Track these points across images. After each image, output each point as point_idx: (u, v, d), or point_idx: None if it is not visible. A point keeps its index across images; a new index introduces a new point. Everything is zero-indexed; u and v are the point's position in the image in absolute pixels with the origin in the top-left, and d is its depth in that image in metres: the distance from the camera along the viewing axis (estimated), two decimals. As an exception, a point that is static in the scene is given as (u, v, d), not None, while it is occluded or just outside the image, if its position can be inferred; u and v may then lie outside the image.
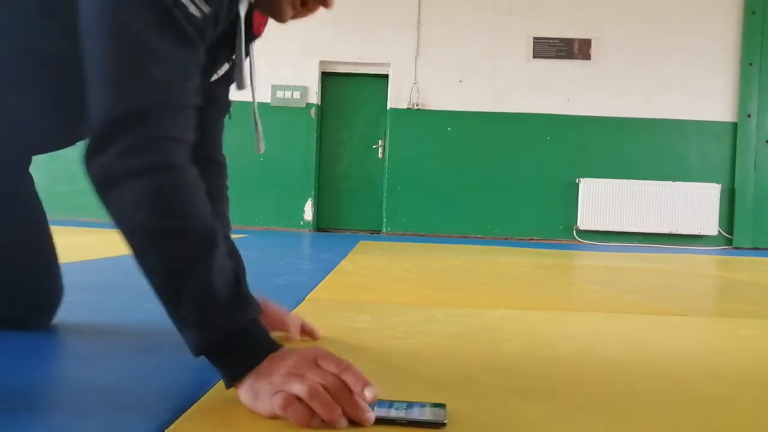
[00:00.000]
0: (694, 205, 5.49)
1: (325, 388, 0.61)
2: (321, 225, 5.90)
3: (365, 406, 0.61)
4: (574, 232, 5.61)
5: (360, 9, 5.69)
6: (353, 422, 0.61)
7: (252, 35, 0.89)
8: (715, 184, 5.53)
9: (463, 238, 5.43)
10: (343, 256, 2.90)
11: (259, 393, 0.63)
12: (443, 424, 0.63)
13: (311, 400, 0.60)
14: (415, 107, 5.64)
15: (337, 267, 2.35)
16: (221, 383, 0.73)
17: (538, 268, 2.73)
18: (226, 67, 0.92)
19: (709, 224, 5.49)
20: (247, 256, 1.08)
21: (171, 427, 0.61)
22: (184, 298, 0.65)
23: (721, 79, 5.62)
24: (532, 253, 3.84)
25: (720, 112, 5.64)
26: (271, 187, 5.75)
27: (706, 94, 5.62)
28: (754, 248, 5.52)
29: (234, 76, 0.87)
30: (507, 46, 5.66)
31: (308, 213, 5.77)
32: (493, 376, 0.86)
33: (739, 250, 5.40)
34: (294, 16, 0.85)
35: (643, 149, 5.64)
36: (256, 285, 0.82)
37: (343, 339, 1.07)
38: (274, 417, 0.62)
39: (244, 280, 0.86)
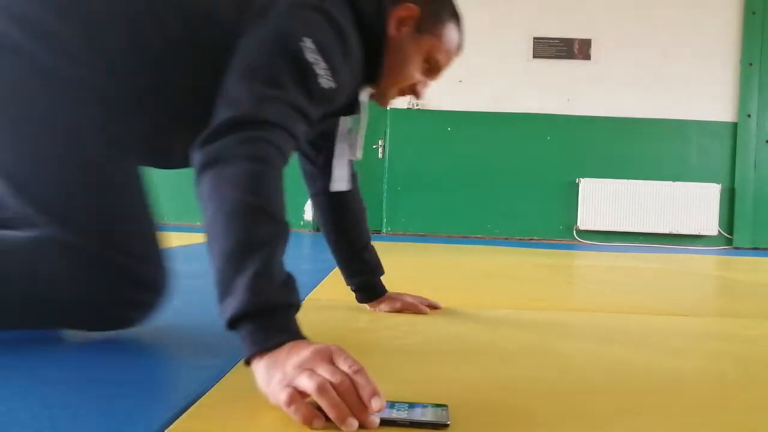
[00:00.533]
0: (694, 205, 5.49)
1: (334, 387, 0.61)
2: (321, 225, 5.91)
3: (371, 409, 0.61)
4: (574, 232, 5.61)
5: (360, 9, 5.69)
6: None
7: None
8: (715, 184, 5.52)
9: (463, 238, 5.43)
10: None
11: (272, 379, 0.64)
12: (446, 425, 0.63)
13: (319, 397, 0.60)
14: (415, 107, 5.64)
15: (337, 267, 2.35)
16: (221, 383, 0.73)
17: (538, 268, 2.73)
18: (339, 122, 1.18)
19: (709, 224, 5.49)
20: (247, 256, 1.07)
21: (171, 427, 0.61)
22: (246, 266, 0.69)
23: (721, 79, 5.62)
24: (532, 253, 3.84)
25: (720, 112, 5.64)
26: (271, 187, 5.74)
27: (706, 94, 5.62)
28: (754, 248, 5.52)
29: (348, 143, 1.19)
30: (507, 46, 5.66)
31: (308, 213, 5.77)
32: (493, 376, 0.86)
33: (739, 250, 5.40)
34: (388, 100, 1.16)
35: (643, 149, 5.64)
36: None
37: (343, 339, 1.07)
38: (278, 407, 0.63)
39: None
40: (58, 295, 0.88)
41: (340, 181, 1.22)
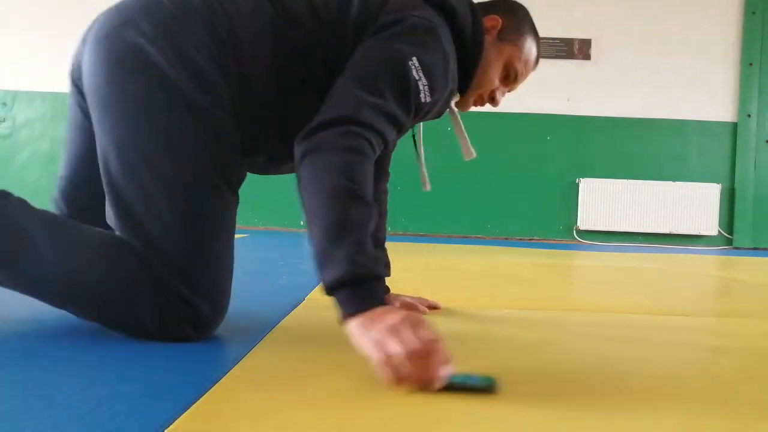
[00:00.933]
0: (694, 205, 5.49)
1: (414, 352, 0.72)
2: (321, 225, 5.90)
3: (440, 374, 0.73)
4: (574, 232, 5.61)
5: (360, 9, 5.70)
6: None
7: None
8: (715, 184, 5.52)
9: (463, 238, 5.43)
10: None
11: (365, 337, 0.77)
12: (494, 388, 0.76)
13: (402, 362, 0.72)
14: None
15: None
16: (221, 384, 0.73)
17: (538, 268, 2.73)
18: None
19: (709, 224, 5.49)
20: (247, 256, 1.08)
21: (171, 427, 0.61)
22: (344, 242, 0.80)
23: (721, 79, 5.61)
24: (533, 253, 3.84)
25: (720, 112, 5.64)
26: (271, 188, 5.75)
27: (706, 94, 5.62)
28: (754, 248, 5.52)
29: (461, 147, 1.39)
30: (507, 46, 5.66)
31: (308, 213, 5.77)
32: (497, 371, 0.86)
33: (739, 250, 5.40)
34: (466, 110, 1.25)
35: (643, 149, 5.64)
36: (256, 285, 0.82)
37: (343, 339, 1.07)
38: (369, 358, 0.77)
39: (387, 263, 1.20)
40: (128, 300, 0.94)
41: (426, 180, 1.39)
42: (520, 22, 1.21)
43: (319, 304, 1.45)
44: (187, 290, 0.94)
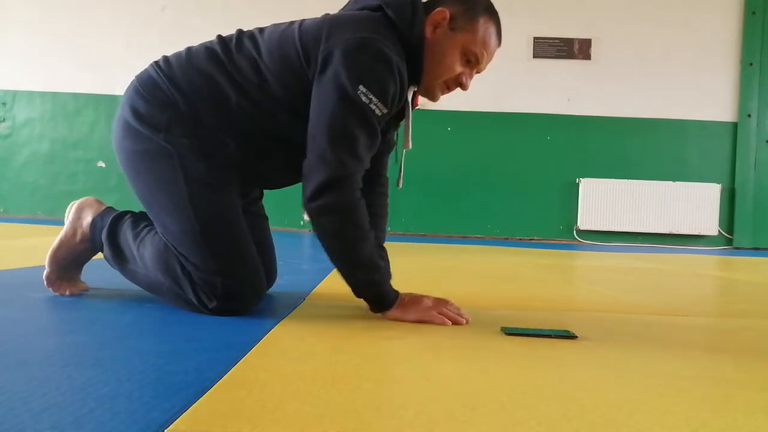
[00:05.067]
0: (694, 205, 5.49)
1: (438, 306, 1.24)
2: (321, 225, 5.90)
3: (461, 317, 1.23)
4: (575, 232, 5.61)
5: (360, 9, 5.70)
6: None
7: (413, 106, 1.38)
8: (715, 184, 5.52)
9: (463, 238, 5.43)
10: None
11: (408, 311, 1.24)
12: (575, 336, 1.06)
13: (441, 314, 1.23)
14: (415, 107, 5.64)
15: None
16: (221, 384, 0.73)
17: (538, 268, 2.73)
18: (395, 132, 1.47)
19: (709, 224, 5.49)
20: (247, 256, 1.08)
21: (171, 427, 0.61)
22: (363, 272, 1.22)
23: (721, 79, 5.61)
24: (533, 253, 3.84)
25: (720, 112, 5.64)
26: (271, 187, 5.75)
27: (706, 94, 5.62)
28: (754, 248, 5.52)
29: (404, 136, 1.40)
30: (507, 46, 5.65)
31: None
32: (493, 376, 0.86)
33: (739, 250, 5.40)
34: (441, 96, 1.36)
35: (643, 149, 5.64)
36: (255, 285, 0.82)
37: (343, 339, 1.07)
38: (418, 321, 1.22)
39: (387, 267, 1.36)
40: (178, 291, 1.26)
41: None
42: (472, 7, 1.27)
43: (319, 304, 1.45)
44: (210, 278, 1.23)
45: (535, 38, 5.66)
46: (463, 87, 1.32)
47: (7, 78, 5.87)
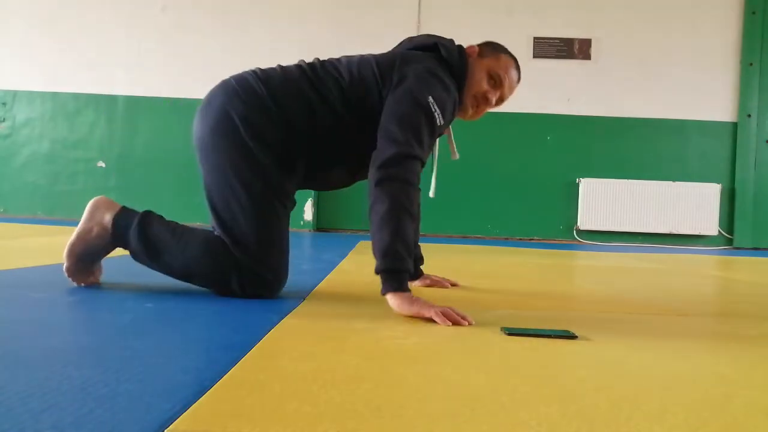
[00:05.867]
0: (694, 205, 5.49)
1: (433, 313, 1.25)
2: (321, 225, 5.90)
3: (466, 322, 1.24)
4: (575, 232, 5.61)
5: (360, 9, 5.69)
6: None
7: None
8: (715, 184, 5.52)
9: (463, 238, 5.43)
10: (343, 256, 2.90)
11: (412, 306, 1.28)
12: (575, 336, 1.09)
13: (443, 314, 1.24)
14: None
15: (337, 267, 2.35)
16: (221, 384, 0.73)
17: (538, 268, 2.73)
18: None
19: (709, 224, 5.49)
20: (247, 256, 1.07)
21: (171, 427, 0.61)
22: (399, 245, 1.30)
23: (721, 79, 5.61)
24: (533, 253, 3.84)
25: (720, 112, 5.64)
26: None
27: (706, 94, 5.62)
28: (754, 248, 5.52)
29: (450, 148, 1.87)
30: (507, 46, 5.66)
31: (308, 213, 5.77)
32: (493, 376, 0.86)
33: (739, 250, 5.40)
34: (472, 116, 1.68)
35: (643, 149, 5.64)
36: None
37: (343, 339, 1.07)
38: (417, 315, 1.27)
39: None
40: (220, 279, 1.45)
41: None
42: (495, 48, 1.66)
43: (319, 304, 1.45)
44: (256, 267, 1.44)
45: (535, 38, 5.66)
46: (488, 102, 1.62)
47: (7, 78, 5.87)
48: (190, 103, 5.71)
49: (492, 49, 1.65)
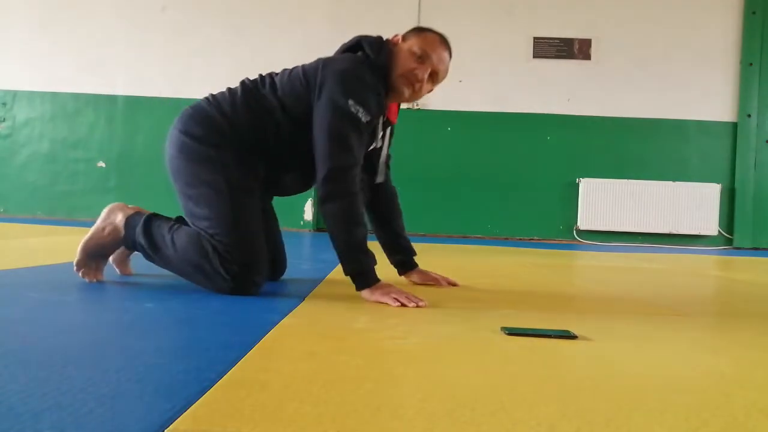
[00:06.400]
0: (694, 205, 5.49)
1: (396, 297, 1.45)
2: (321, 225, 5.90)
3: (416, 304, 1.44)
4: (575, 232, 5.61)
5: (360, 9, 5.69)
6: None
7: (389, 122, 1.81)
8: (715, 184, 5.52)
9: (463, 238, 5.43)
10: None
11: (374, 293, 1.49)
12: (575, 336, 1.11)
13: (398, 298, 1.45)
14: (415, 107, 5.64)
15: (337, 267, 2.35)
16: (221, 384, 0.73)
17: (538, 269, 2.73)
18: (380, 141, 1.78)
19: (709, 224, 5.49)
20: (247, 256, 1.07)
21: (171, 427, 0.61)
22: (354, 252, 1.51)
23: (721, 79, 5.61)
24: (533, 253, 3.84)
25: (720, 112, 5.64)
26: (271, 187, 5.74)
27: (706, 94, 5.62)
28: (754, 248, 5.52)
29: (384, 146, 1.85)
30: (507, 46, 5.66)
31: (308, 213, 5.77)
32: (492, 376, 0.86)
33: (739, 250, 5.40)
34: (409, 98, 1.71)
35: (643, 149, 5.64)
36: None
37: (343, 339, 1.07)
38: (377, 301, 1.47)
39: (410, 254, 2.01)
40: (206, 266, 1.54)
41: (380, 176, 1.90)
42: (420, 30, 1.72)
43: (319, 304, 1.45)
44: (230, 248, 1.53)
45: (535, 38, 5.66)
46: (418, 80, 1.66)
47: (7, 78, 5.87)
48: (190, 103, 5.71)
49: (416, 31, 1.72)
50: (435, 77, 1.70)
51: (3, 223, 4.64)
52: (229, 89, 1.71)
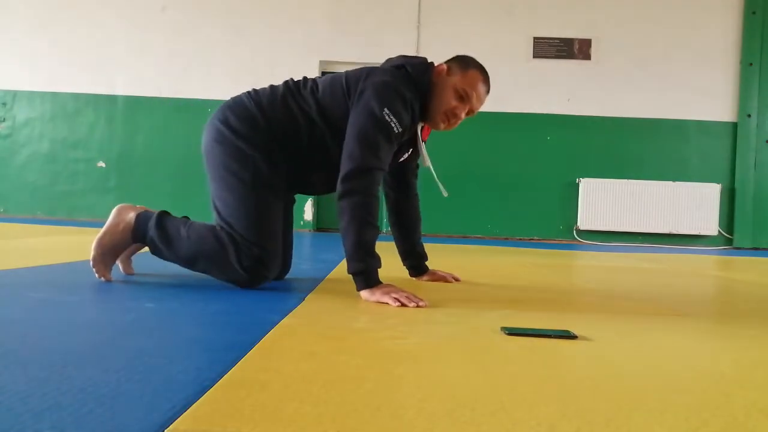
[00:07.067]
0: (694, 205, 5.49)
1: (396, 297, 1.46)
2: (321, 225, 5.91)
3: (416, 305, 1.44)
4: (575, 232, 5.61)
5: (360, 9, 5.69)
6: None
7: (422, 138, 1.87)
8: (715, 184, 5.53)
9: (463, 238, 5.43)
10: (343, 256, 2.90)
11: (374, 294, 1.49)
12: (575, 336, 1.11)
13: (399, 298, 1.46)
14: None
15: (338, 267, 2.35)
16: (221, 384, 0.73)
17: (538, 269, 2.73)
18: (406, 155, 1.88)
19: (709, 224, 5.49)
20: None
21: (171, 427, 0.61)
22: (362, 252, 1.52)
23: (721, 79, 5.62)
24: (533, 253, 3.84)
25: (720, 112, 5.64)
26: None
27: (706, 94, 5.62)
28: (754, 248, 5.52)
29: (420, 159, 1.94)
30: (507, 46, 5.66)
31: (308, 213, 5.77)
32: (493, 376, 0.86)
33: (739, 250, 5.40)
34: (445, 128, 1.81)
35: (643, 149, 5.64)
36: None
37: (343, 339, 1.07)
38: (377, 302, 1.47)
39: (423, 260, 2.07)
40: (222, 257, 1.62)
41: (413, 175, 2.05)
42: (466, 64, 1.78)
43: (319, 304, 1.45)
44: (249, 241, 1.61)
45: (535, 38, 5.66)
46: (456, 118, 1.76)
47: (7, 78, 5.87)
48: (190, 103, 5.71)
49: (460, 65, 1.77)
50: (471, 114, 1.78)
51: (3, 223, 4.64)
52: (272, 86, 1.78)
